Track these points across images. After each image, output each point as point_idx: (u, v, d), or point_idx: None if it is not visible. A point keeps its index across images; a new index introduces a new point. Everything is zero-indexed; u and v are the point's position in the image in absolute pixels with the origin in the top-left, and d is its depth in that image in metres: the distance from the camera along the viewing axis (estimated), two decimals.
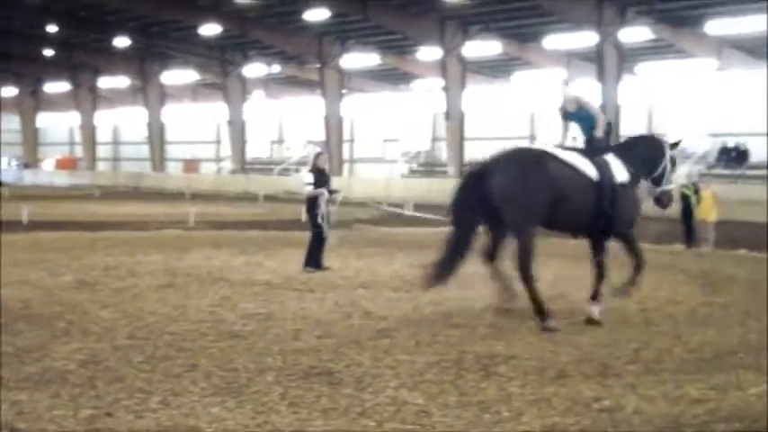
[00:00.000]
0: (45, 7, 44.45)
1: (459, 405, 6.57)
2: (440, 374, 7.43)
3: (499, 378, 7.33)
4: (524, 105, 50.92)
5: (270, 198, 43.03)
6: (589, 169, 9.88)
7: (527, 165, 9.67)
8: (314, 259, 14.39)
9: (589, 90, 11.50)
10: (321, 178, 14.58)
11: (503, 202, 9.44)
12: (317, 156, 15.46)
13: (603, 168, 9.97)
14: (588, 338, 9.00)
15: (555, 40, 41.54)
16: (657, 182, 10.60)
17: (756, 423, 6.12)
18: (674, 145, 10.81)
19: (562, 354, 8.25)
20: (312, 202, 14.48)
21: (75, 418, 6.15)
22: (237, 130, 55.31)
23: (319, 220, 14.31)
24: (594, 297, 10.02)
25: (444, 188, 39.59)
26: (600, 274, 10.18)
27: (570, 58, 45.09)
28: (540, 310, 9.50)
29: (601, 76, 37.37)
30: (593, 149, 10.29)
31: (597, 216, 9.88)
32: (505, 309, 10.06)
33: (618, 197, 9.90)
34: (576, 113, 10.70)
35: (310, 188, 14.42)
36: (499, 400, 6.72)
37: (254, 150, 61.75)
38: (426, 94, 53.34)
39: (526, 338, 8.96)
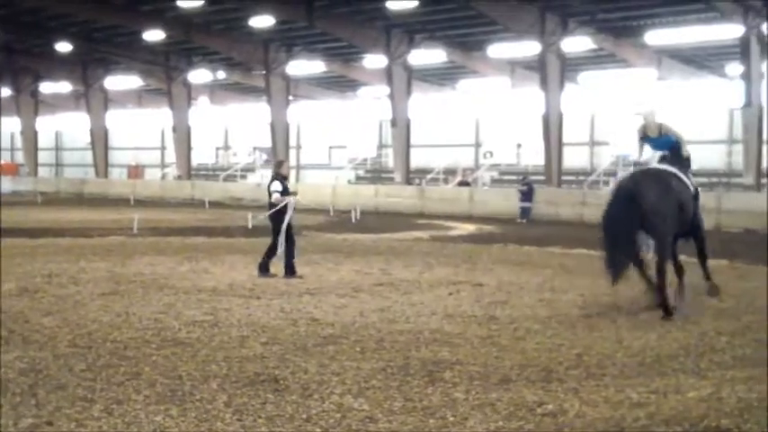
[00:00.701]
0: None
1: (405, 411, 6.60)
2: (385, 380, 7.46)
3: (444, 384, 7.38)
4: (470, 112, 51.33)
5: (215, 204, 42.75)
6: (690, 184, 11.83)
7: (666, 183, 11.46)
8: (290, 266, 14.47)
9: (660, 115, 13.11)
10: (284, 185, 14.69)
11: (652, 214, 11.12)
12: (281, 163, 15.55)
13: (692, 182, 12.00)
14: (532, 344, 9.10)
15: (499, 49, 41.88)
16: None
17: (695, 426, 6.23)
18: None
19: (506, 359, 8.33)
20: (280, 209, 14.49)
21: (15, 427, 6.06)
22: (182, 137, 54.72)
23: (284, 226, 14.32)
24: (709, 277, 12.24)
25: (391, 194, 40.06)
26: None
27: (514, 67, 45.55)
28: (665, 302, 10.87)
29: (544, 84, 37.77)
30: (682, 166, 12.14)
31: (692, 223, 11.88)
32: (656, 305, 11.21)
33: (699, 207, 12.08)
34: (657, 139, 12.45)
35: (277, 195, 14.47)
36: (444, 405, 6.76)
37: (200, 157, 61.27)
38: (372, 101, 53.47)
39: (471, 344, 9.03)
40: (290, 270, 14.42)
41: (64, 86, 62.55)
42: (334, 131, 56.81)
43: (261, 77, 49.95)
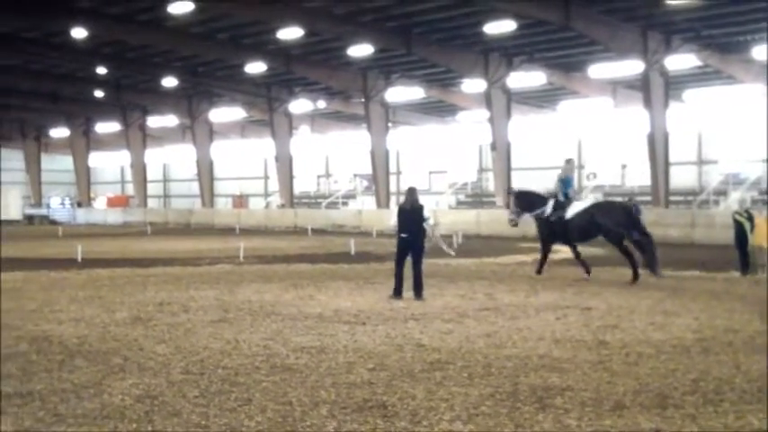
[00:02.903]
0: (94, 50, 45.28)
1: None
2: (494, 407, 7.37)
3: (555, 410, 7.24)
4: (571, 134, 50.74)
5: (318, 231, 43.21)
6: None
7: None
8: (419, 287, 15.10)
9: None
10: None
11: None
12: (415, 191, 15.55)
13: None
14: (645, 369, 8.86)
15: (600, 69, 41.39)
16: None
17: None
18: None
19: (619, 384, 8.14)
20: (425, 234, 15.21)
21: None
22: (285, 166, 55.68)
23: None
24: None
25: (492, 218, 39.80)
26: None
27: (616, 87, 44.88)
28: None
29: (648, 103, 37.10)
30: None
31: None
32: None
33: None
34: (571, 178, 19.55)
35: (428, 225, 15.31)
36: None
37: (302, 185, 62.21)
38: (472, 125, 53.40)
39: (581, 369, 8.85)
40: (419, 290, 15.02)
41: (170, 120, 64.50)
42: (433, 156, 56.93)
43: (360, 105, 50.50)
